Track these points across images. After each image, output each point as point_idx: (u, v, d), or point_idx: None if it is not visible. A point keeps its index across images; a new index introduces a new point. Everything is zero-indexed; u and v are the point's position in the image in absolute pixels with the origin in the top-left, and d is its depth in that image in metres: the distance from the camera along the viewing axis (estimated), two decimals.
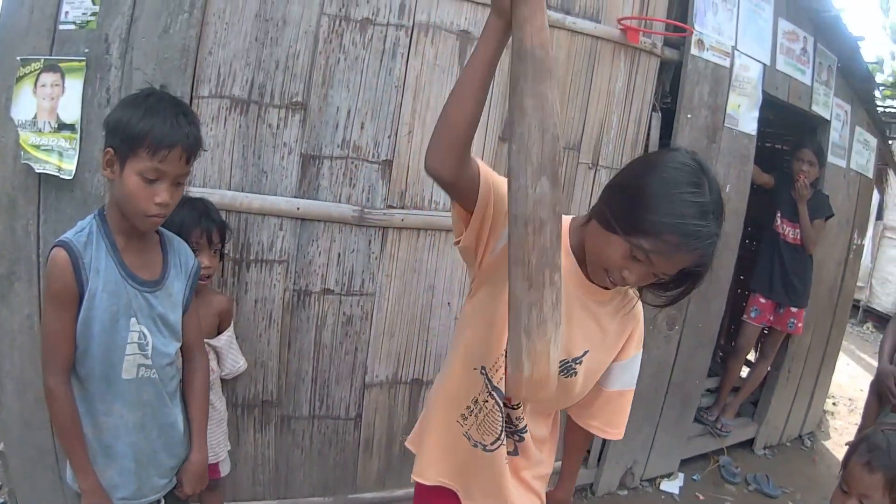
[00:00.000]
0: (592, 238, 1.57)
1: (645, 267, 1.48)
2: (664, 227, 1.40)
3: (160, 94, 1.83)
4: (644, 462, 4.17)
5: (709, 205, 1.43)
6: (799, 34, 4.26)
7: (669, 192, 1.43)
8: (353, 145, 2.77)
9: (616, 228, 1.47)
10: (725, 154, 3.86)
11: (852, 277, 5.61)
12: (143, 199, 1.70)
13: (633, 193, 1.49)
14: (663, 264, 1.47)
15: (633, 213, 1.45)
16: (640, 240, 1.43)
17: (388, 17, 2.76)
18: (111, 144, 1.72)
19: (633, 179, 1.54)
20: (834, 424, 6.16)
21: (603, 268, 1.54)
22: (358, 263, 2.87)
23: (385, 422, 3.14)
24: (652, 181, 1.47)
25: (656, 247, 1.42)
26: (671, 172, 1.47)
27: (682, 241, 1.41)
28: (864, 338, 10.00)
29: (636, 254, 1.46)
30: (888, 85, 7.19)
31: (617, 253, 1.48)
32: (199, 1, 2.49)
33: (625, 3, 3.32)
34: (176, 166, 1.72)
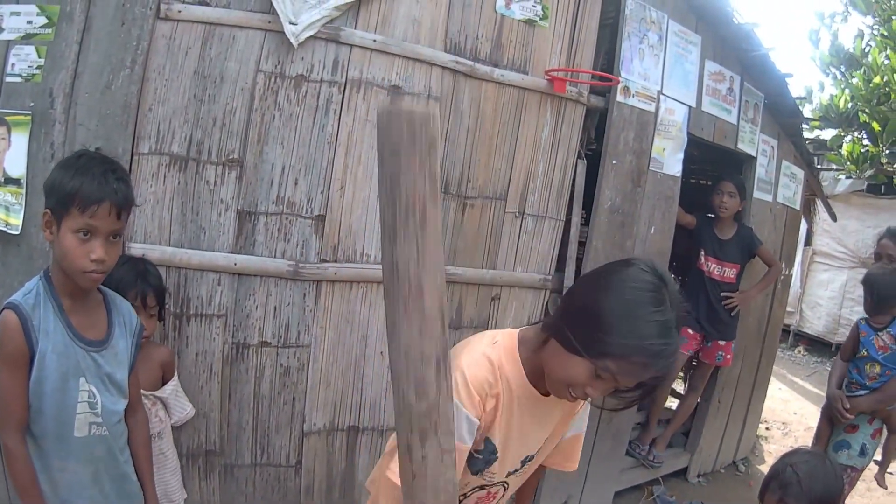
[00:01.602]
0: (554, 358, 1.65)
1: (609, 383, 1.58)
2: (630, 349, 1.50)
3: (91, 154, 2.07)
4: (578, 496, 4.46)
5: (672, 321, 1.53)
6: (725, 74, 4.64)
7: (632, 314, 1.52)
8: (288, 201, 3.02)
9: (581, 351, 1.55)
10: (650, 196, 4.20)
11: (780, 307, 6.03)
12: (79, 256, 1.86)
13: (595, 316, 1.56)
14: (628, 380, 1.57)
15: (596, 337, 1.53)
16: (607, 362, 1.52)
17: (321, 73, 3.02)
18: (48, 206, 1.90)
19: (593, 301, 1.60)
20: (768, 448, 6.58)
21: (566, 386, 1.63)
22: (293, 316, 3.11)
23: (324, 468, 3.36)
24: (613, 303, 1.55)
25: (622, 368, 1.52)
26: (632, 293, 1.55)
27: (648, 360, 1.51)
28: (796, 361, 10.58)
29: (601, 374, 1.55)
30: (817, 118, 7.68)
31: (581, 374, 1.57)
32: (140, 57, 2.71)
33: (552, 54, 3.64)
34: (107, 221, 1.88)
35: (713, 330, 4.98)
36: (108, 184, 1.89)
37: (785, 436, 7.03)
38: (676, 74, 4.26)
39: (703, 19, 4.37)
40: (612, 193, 3.99)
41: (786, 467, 2.39)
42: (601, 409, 1.99)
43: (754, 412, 6.13)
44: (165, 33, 2.77)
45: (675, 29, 4.19)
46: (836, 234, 10.20)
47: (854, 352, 3.92)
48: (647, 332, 1.51)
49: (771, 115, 5.21)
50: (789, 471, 2.36)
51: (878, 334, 3.80)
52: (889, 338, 3.75)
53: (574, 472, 3.66)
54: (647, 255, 4.24)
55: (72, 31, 2.64)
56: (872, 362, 3.82)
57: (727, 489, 5.48)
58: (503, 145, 3.56)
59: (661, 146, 4.20)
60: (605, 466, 4.54)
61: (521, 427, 1.83)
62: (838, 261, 10.45)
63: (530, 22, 3.52)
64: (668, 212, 4.39)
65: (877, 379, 3.81)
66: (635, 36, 3.95)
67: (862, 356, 3.87)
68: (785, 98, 5.14)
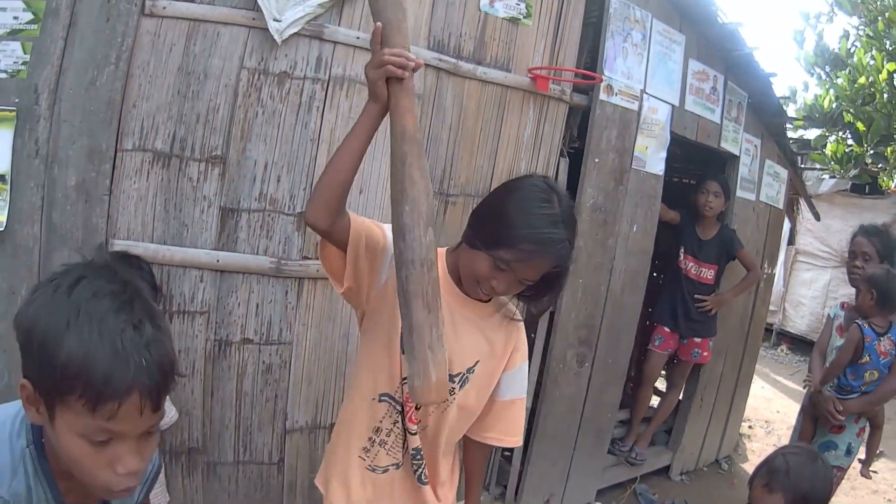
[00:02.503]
0: (464, 258, 1.92)
1: (509, 275, 1.83)
2: (520, 238, 1.77)
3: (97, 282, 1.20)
4: (561, 494, 4.54)
5: (558, 215, 1.81)
6: (709, 73, 4.71)
7: (522, 208, 1.81)
8: (270, 198, 3.07)
9: (481, 246, 1.83)
10: (633, 195, 4.28)
11: (763, 306, 6.12)
12: (96, 470, 1.17)
13: (493, 214, 1.87)
14: (524, 270, 1.82)
15: (493, 230, 1.82)
16: (501, 252, 1.79)
17: (305, 70, 3.06)
18: (27, 373, 1.18)
19: (492, 203, 1.92)
20: (751, 447, 6.68)
21: (474, 280, 1.89)
22: (276, 313, 3.15)
23: (306, 465, 3.40)
24: (508, 201, 1.85)
25: (515, 256, 1.78)
26: (523, 192, 1.86)
27: (537, 247, 1.77)
28: (779, 360, 10.71)
29: (500, 265, 1.81)
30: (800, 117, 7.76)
31: (484, 266, 1.83)
32: (124, 53, 2.73)
33: (535, 52, 3.70)
34: (136, 423, 1.16)
35: (688, 328, 5.06)
36: (135, 355, 1.13)
37: (768, 434, 7.13)
38: (660, 73, 4.33)
39: (687, 18, 4.43)
40: (595, 192, 4.05)
41: (778, 456, 2.48)
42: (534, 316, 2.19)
43: (737, 411, 6.22)
44: (150, 29, 2.79)
45: (659, 28, 4.25)
46: (820, 233, 10.32)
47: (855, 357, 3.83)
48: (534, 222, 1.79)
49: (755, 115, 5.28)
50: (780, 459, 2.44)
51: (880, 339, 3.78)
52: (889, 343, 3.76)
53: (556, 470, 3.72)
54: (629, 253, 4.32)
55: (57, 27, 2.65)
56: (873, 370, 3.80)
57: (710, 487, 5.55)
58: (486, 143, 3.62)
59: (643, 145, 4.27)
60: (587, 464, 4.62)
61: (454, 329, 1.96)
62: (821, 260, 10.57)
63: (514, 20, 3.57)
64: (651, 210, 4.46)
65: (872, 383, 3.83)
66: (619, 35, 4.01)
67: (864, 362, 3.81)
68: (769, 97, 5.21)
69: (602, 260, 4.20)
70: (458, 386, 2.01)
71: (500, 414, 2.17)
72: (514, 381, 2.16)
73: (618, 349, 4.53)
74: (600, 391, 4.47)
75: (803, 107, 7.69)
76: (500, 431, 2.18)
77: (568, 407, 4.32)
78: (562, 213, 1.82)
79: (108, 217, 2.80)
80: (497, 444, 2.21)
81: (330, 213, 1.76)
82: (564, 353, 4.15)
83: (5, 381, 2.73)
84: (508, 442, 2.21)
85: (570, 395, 4.30)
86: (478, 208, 2.00)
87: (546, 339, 4.16)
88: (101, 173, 2.76)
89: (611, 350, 4.45)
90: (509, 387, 2.15)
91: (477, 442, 2.22)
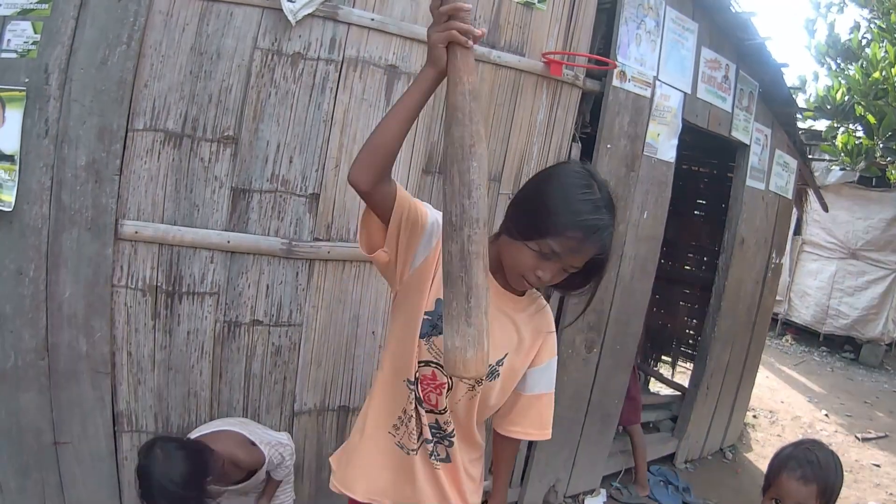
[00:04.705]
0: (506, 250, 1.86)
1: (556, 264, 1.79)
2: (566, 225, 1.72)
3: None
4: (567, 479, 4.53)
5: (601, 200, 1.77)
6: (721, 62, 4.67)
7: (566, 196, 1.76)
8: (282, 179, 3.02)
9: (525, 236, 1.78)
10: (644, 181, 4.24)
11: (770, 295, 6.09)
12: None
13: (534, 203, 1.81)
14: (571, 258, 1.78)
15: (538, 219, 1.76)
16: (548, 241, 1.74)
17: (318, 51, 3.01)
18: None
19: (532, 192, 1.87)
20: (755, 436, 6.67)
21: (519, 273, 1.84)
22: (286, 295, 3.12)
23: (314, 448, 3.39)
24: (549, 190, 1.80)
25: (563, 244, 1.74)
26: (564, 179, 1.81)
27: (584, 234, 1.72)
28: (784, 350, 10.72)
29: (546, 253, 1.76)
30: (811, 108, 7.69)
31: (529, 257, 1.79)
32: (136, 33, 2.68)
33: (549, 36, 3.64)
34: None
35: None
36: None
37: (772, 424, 7.11)
38: (673, 60, 4.29)
39: (700, 6, 4.39)
40: (606, 177, 3.93)
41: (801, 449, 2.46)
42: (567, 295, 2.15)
43: (742, 400, 6.21)
44: (163, 9, 2.74)
45: (672, 15, 4.20)
46: (826, 224, 10.29)
47: None
48: (578, 208, 1.74)
49: (765, 104, 5.25)
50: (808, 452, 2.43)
51: None
52: None
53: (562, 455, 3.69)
54: (639, 239, 4.28)
55: (68, 7, 2.60)
56: None
57: (714, 476, 5.55)
58: (498, 127, 3.57)
59: (655, 131, 4.22)
60: (593, 450, 4.61)
61: None
62: (828, 251, 10.54)
63: (528, 4, 3.52)
64: (662, 197, 4.42)
65: None
66: (633, 21, 3.96)
67: None
68: (780, 87, 5.19)
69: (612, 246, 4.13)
70: (486, 377, 1.97)
71: (527, 408, 2.14)
72: (541, 377, 2.13)
73: (626, 335, 4.50)
74: (608, 377, 4.45)
75: (815, 98, 7.62)
76: (526, 426, 2.15)
77: (575, 392, 4.30)
78: (603, 199, 1.79)
79: (118, 197, 2.76)
80: (524, 437, 2.19)
81: (372, 176, 1.72)
82: (573, 338, 4.11)
83: (11, 363, 2.71)
84: (535, 435, 2.18)
85: (577, 380, 4.27)
86: (517, 198, 1.97)
87: (555, 324, 4.10)
88: (112, 153, 2.72)
89: (619, 336, 4.43)
90: (536, 382, 2.12)
91: (503, 436, 2.21)
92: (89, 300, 2.78)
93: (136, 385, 2.95)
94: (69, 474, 2.89)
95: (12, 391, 2.73)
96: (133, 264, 2.85)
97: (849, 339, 10.68)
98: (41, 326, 2.73)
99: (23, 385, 2.74)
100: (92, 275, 2.77)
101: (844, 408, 8.01)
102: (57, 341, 2.76)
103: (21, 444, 2.79)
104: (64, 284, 2.73)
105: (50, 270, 2.70)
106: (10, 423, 2.76)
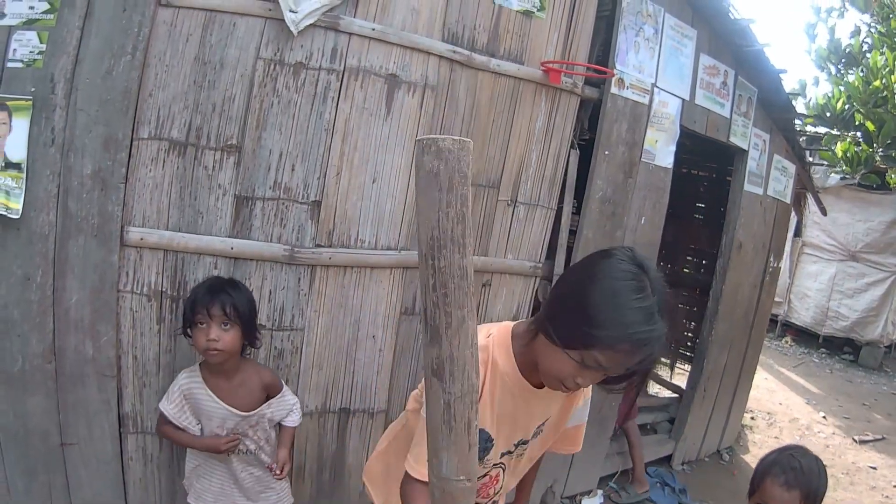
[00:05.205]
0: (543, 353, 1.71)
1: (598, 373, 1.64)
2: (615, 339, 1.53)
3: None
4: (564, 480, 4.56)
5: (654, 306, 1.55)
6: (720, 68, 4.70)
7: (616, 304, 1.55)
8: (284, 187, 3.07)
9: (567, 345, 1.61)
10: (641, 187, 4.27)
11: (768, 298, 6.12)
12: None
13: (579, 309, 1.59)
14: (616, 368, 1.61)
15: (582, 330, 1.56)
16: (594, 353, 1.57)
17: (320, 61, 3.06)
18: None
19: (576, 294, 1.64)
20: (753, 438, 6.69)
21: (557, 379, 1.70)
22: (288, 300, 3.16)
23: (315, 449, 3.44)
24: (595, 294, 1.58)
25: (609, 357, 1.57)
26: (613, 283, 1.58)
27: (634, 348, 1.54)
28: (783, 352, 10.73)
29: (590, 364, 1.59)
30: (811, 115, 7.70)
31: (570, 366, 1.63)
32: (141, 43, 2.74)
33: (548, 44, 3.68)
34: None
35: None
36: None
37: (770, 426, 7.14)
38: (671, 67, 4.32)
39: (699, 13, 4.42)
40: (604, 184, 4.05)
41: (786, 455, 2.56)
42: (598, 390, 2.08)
43: (739, 402, 6.24)
44: (166, 20, 2.79)
45: (671, 23, 4.24)
46: (826, 226, 10.31)
47: None
48: (630, 319, 1.53)
49: (764, 110, 5.27)
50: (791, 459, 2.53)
51: None
52: None
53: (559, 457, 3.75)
54: (637, 244, 4.31)
55: (73, 17, 2.65)
56: None
57: (711, 478, 5.58)
58: (498, 134, 3.61)
59: (653, 138, 4.26)
60: (590, 452, 4.63)
61: (514, 415, 1.91)
62: (828, 253, 10.56)
63: (527, 13, 3.56)
64: (659, 203, 4.46)
65: None
66: (631, 29, 3.99)
67: None
68: (778, 93, 5.20)
69: None
70: (532, 439, 2.06)
71: (565, 436, 2.21)
72: (578, 414, 2.16)
73: None
74: None
75: (815, 105, 7.64)
76: (558, 445, 2.24)
77: None
78: (657, 302, 1.57)
79: (123, 205, 2.81)
80: (555, 452, 2.29)
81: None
82: None
83: (18, 366, 2.76)
84: (567, 451, 2.30)
85: None
86: (559, 296, 1.76)
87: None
88: (118, 162, 2.77)
89: None
90: (573, 419, 2.16)
91: None
92: (95, 305, 2.84)
93: (141, 388, 3.00)
94: (75, 475, 2.95)
95: (20, 394, 2.79)
96: (138, 270, 2.90)
97: (848, 341, 10.69)
98: (48, 331, 2.78)
99: (30, 388, 2.80)
100: (98, 280, 2.82)
101: (842, 410, 8.03)
102: (64, 345, 2.82)
103: (28, 446, 2.85)
104: (71, 290, 2.79)
105: (57, 276, 2.75)
106: (18, 426, 2.82)
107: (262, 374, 2.90)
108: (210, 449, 2.77)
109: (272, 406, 2.88)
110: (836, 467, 6.14)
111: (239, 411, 2.77)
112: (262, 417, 2.86)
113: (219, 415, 2.76)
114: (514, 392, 1.86)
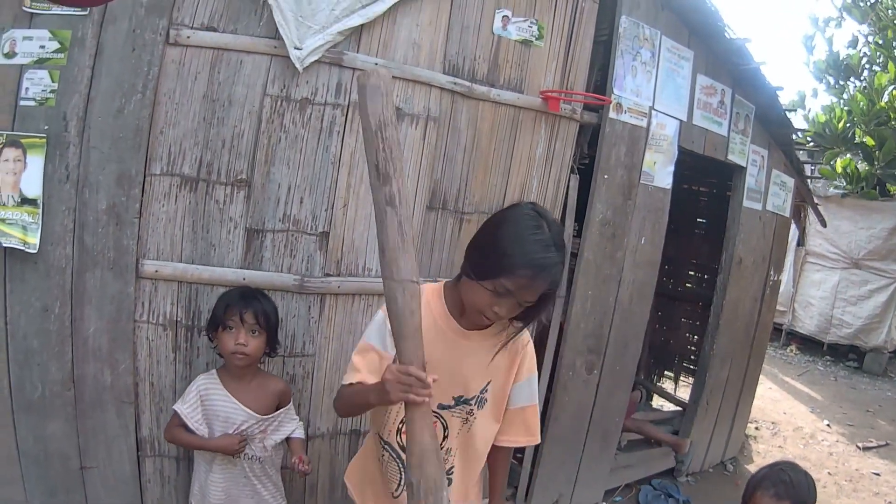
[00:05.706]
0: (465, 291, 2.03)
1: (511, 300, 1.94)
2: (518, 265, 1.87)
3: None
4: (570, 495, 4.62)
5: (549, 239, 1.91)
6: (717, 87, 4.75)
7: (517, 237, 1.91)
8: (294, 219, 3.16)
9: (481, 277, 1.94)
10: (641, 209, 4.34)
11: (769, 311, 6.17)
12: None
13: (487, 246, 1.98)
14: (525, 294, 1.93)
15: (491, 261, 1.92)
16: (502, 280, 1.89)
17: (325, 96, 3.14)
18: None
19: (486, 236, 2.03)
20: (757, 448, 6.72)
21: (478, 310, 2.00)
22: (299, 327, 3.25)
23: (327, 469, 3.52)
24: (501, 232, 1.96)
25: (516, 283, 1.89)
26: (515, 222, 1.96)
27: (534, 272, 1.88)
28: (788, 360, 10.77)
29: (501, 292, 1.91)
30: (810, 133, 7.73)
31: (486, 296, 1.94)
32: (150, 82, 2.83)
33: (547, 72, 3.77)
34: None
35: None
36: None
37: (774, 435, 7.18)
38: (668, 89, 4.38)
39: (695, 34, 4.48)
40: (604, 207, 4.13)
41: (776, 470, 2.68)
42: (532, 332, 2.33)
43: (742, 414, 6.28)
44: (175, 58, 2.89)
45: (668, 45, 4.30)
46: (829, 234, 10.33)
47: None
48: (528, 249, 1.89)
49: (762, 126, 5.31)
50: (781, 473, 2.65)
51: None
52: None
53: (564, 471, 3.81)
54: (637, 264, 4.40)
55: (84, 57, 2.74)
56: None
57: (715, 489, 5.61)
58: (499, 162, 3.69)
59: (651, 160, 4.33)
60: (595, 466, 4.70)
61: (450, 360, 2.12)
62: (831, 261, 10.60)
63: (526, 42, 3.64)
64: (658, 223, 4.51)
65: None
66: (628, 54, 4.07)
67: None
68: (775, 109, 5.25)
69: (611, 272, 4.27)
70: (475, 407, 2.20)
71: (512, 420, 2.32)
72: (521, 392, 2.30)
73: (625, 356, 4.59)
74: (608, 396, 4.55)
75: (815, 122, 7.68)
76: (512, 434, 2.34)
77: (577, 412, 4.40)
78: (552, 237, 1.92)
79: (138, 238, 2.91)
80: (513, 444, 2.37)
81: None
82: (574, 360, 4.23)
83: (38, 393, 2.86)
84: (524, 441, 2.36)
85: (578, 400, 4.38)
86: (473, 241, 2.10)
87: (556, 347, 4.24)
88: (131, 197, 2.87)
89: (619, 357, 4.52)
90: (518, 397, 2.30)
91: (494, 447, 2.37)
92: (113, 335, 2.93)
93: (157, 413, 3.10)
94: (94, 497, 3.05)
95: (40, 420, 2.89)
96: (154, 301, 3.00)
97: (852, 348, 10.74)
98: (67, 359, 2.88)
99: (50, 414, 2.90)
100: (115, 311, 2.92)
101: (846, 417, 8.07)
102: (83, 373, 2.92)
103: (48, 469, 2.95)
104: (88, 320, 2.88)
105: (74, 307, 2.85)
106: (38, 450, 2.92)
107: (275, 381, 3.02)
108: (222, 448, 2.83)
109: (282, 414, 3.00)
110: (839, 475, 6.19)
111: (255, 413, 2.87)
112: (274, 421, 2.96)
113: (234, 416, 2.86)
114: (446, 335, 2.12)
